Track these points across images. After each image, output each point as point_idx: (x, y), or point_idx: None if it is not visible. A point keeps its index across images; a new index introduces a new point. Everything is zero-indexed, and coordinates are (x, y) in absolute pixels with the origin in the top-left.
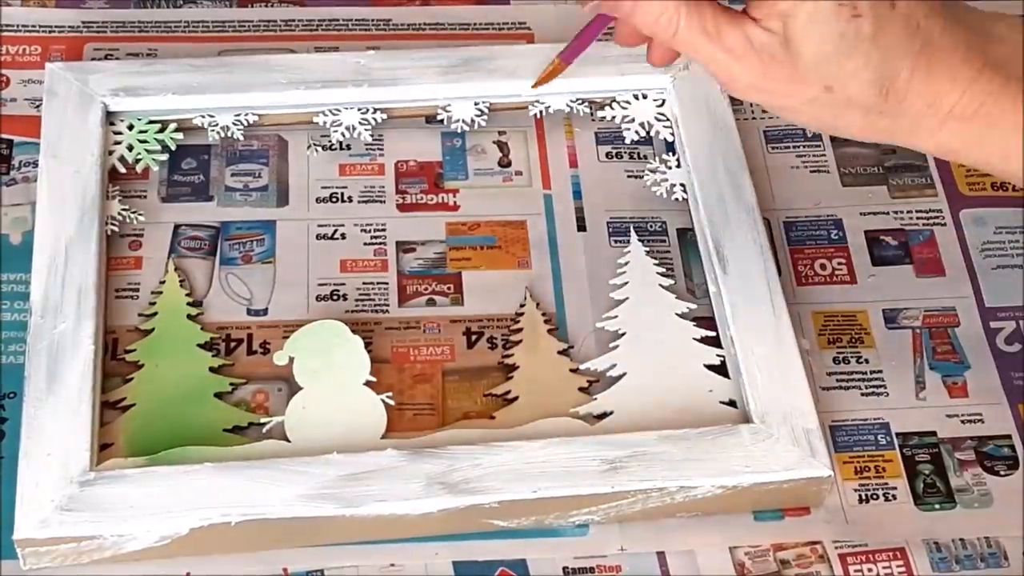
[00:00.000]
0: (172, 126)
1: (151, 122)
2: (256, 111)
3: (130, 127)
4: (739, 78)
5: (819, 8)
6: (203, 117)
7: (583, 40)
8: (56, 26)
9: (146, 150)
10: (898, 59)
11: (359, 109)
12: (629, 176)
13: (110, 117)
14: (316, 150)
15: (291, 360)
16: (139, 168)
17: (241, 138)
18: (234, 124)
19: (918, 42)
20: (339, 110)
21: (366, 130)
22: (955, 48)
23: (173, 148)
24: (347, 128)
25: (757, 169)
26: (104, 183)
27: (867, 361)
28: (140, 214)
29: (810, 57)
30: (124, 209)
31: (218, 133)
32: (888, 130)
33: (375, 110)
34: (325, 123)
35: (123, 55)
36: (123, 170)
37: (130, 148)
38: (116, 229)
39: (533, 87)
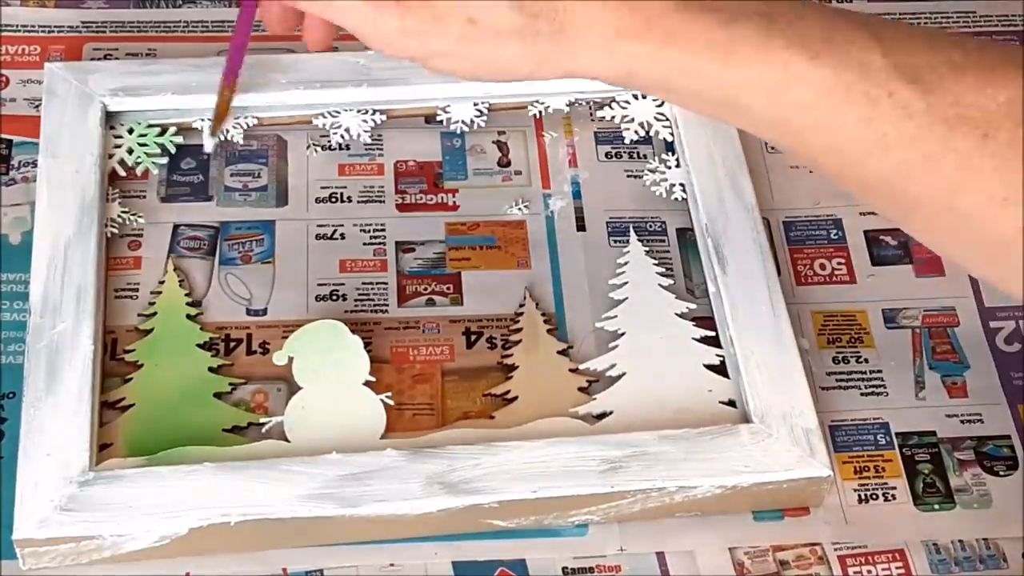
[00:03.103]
0: (172, 129)
1: (151, 126)
2: (255, 111)
3: (130, 131)
4: (383, 26)
5: None
6: (203, 121)
7: (236, 49)
8: (55, 26)
9: (146, 153)
10: None
11: (358, 111)
12: (629, 176)
13: (109, 118)
14: (315, 150)
15: (290, 360)
16: (139, 171)
17: (241, 140)
18: (234, 128)
19: None
20: (338, 112)
21: (365, 132)
22: None
23: (173, 151)
24: (346, 130)
25: (756, 169)
26: (103, 183)
27: (866, 361)
28: (140, 216)
29: None
30: (124, 211)
31: (218, 137)
32: (554, 56)
33: (374, 112)
34: (324, 125)
35: (122, 55)
36: (123, 173)
37: (130, 151)
38: (116, 231)
39: (213, 133)
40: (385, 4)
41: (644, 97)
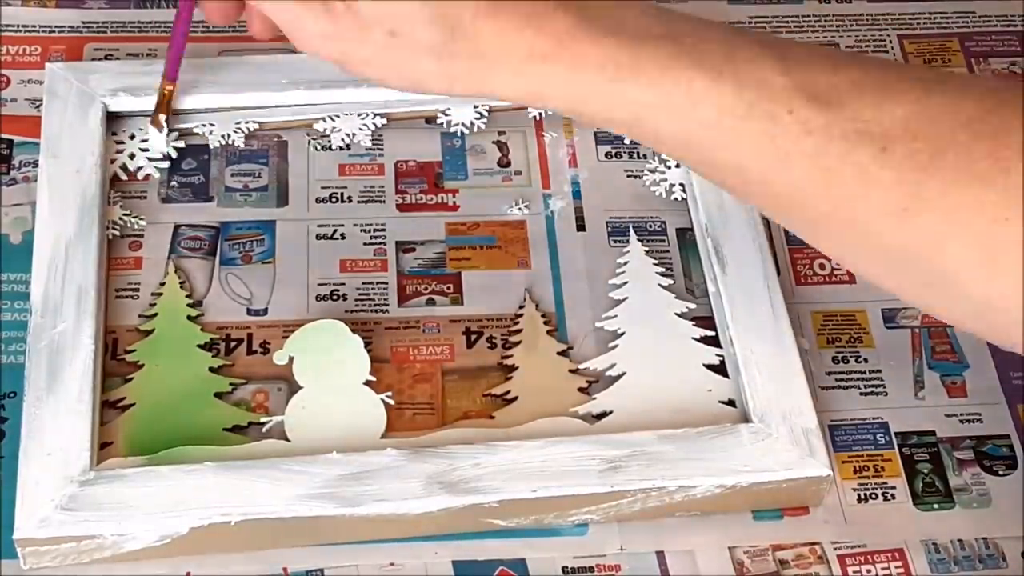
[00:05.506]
0: (173, 135)
1: None
2: (256, 111)
3: (131, 136)
4: (308, 27)
5: None
6: (204, 126)
7: (175, 45)
8: (56, 26)
9: (148, 158)
10: None
11: (359, 115)
12: (628, 176)
13: (110, 118)
14: (315, 147)
15: (291, 360)
16: (140, 176)
17: (241, 144)
18: (235, 132)
19: None
20: (338, 115)
21: (366, 136)
22: None
23: (174, 156)
24: (347, 134)
25: None
26: (104, 183)
27: (866, 360)
28: (141, 218)
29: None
30: (125, 214)
31: (219, 141)
32: (468, 75)
33: (375, 115)
34: (325, 129)
35: (123, 55)
36: (125, 178)
37: (132, 157)
38: (117, 233)
39: (153, 124)
40: (312, 5)
41: None
